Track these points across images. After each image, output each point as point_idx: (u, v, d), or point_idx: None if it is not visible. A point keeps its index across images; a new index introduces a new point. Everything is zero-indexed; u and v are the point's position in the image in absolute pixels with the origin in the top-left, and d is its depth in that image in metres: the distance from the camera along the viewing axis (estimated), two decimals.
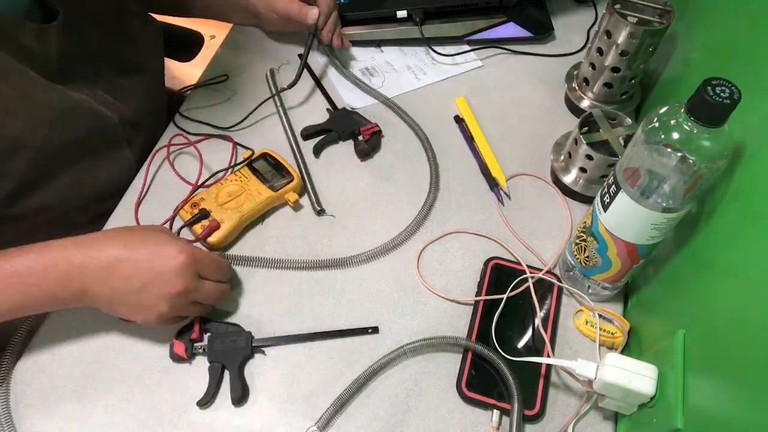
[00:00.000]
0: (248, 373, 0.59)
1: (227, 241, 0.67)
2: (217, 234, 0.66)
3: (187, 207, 0.67)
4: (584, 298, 0.63)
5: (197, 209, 0.67)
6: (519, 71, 0.86)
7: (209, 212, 0.67)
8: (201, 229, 0.66)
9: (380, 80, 0.84)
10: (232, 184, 0.70)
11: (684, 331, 0.49)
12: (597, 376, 0.52)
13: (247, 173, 0.71)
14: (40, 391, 0.58)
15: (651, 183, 0.48)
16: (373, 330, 0.62)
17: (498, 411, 0.57)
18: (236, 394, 0.57)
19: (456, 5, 0.85)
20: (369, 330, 0.62)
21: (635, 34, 0.68)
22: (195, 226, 0.66)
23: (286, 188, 0.70)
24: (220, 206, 0.67)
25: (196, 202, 0.68)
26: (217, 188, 0.69)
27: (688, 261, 0.54)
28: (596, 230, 0.56)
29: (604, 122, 0.69)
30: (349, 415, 0.58)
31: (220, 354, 0.59)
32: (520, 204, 0.72)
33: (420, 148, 0.77)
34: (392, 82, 0.84)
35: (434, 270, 0.67)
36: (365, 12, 0.86)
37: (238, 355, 0.59)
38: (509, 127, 0.79)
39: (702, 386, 0.45)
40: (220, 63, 0.86)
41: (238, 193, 0.69)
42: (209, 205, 0.67)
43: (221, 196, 0.68)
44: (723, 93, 0.41)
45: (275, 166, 0.71)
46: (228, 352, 0.59)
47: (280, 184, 0.70)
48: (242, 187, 0.69)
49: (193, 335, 0.59)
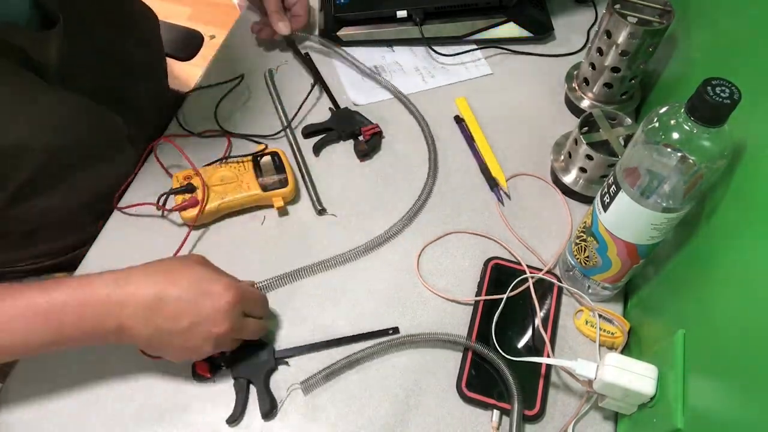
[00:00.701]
0: (274, 386, 0.59)
1: (201, 221, 0.68)
2: (191, 210, 0.67)
3: (180, 176, 0.69)
4: (584, 298, 0.63)
5: (187, 181, 0.68)
6: (519, 71, 0.86)
7: (195, 188, 0.68)
8: (181, 201, 0.67)
9: (387, 78, 0.84)
10: (228, 171, 0.70)
11: (684, 331, 0.49)
12: (597, 376, 0.52)
13: (248, 165, 0.71)
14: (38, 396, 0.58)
15: (651, 183, 0.48)
16: (394, 330, 0.62)
17: (498, 411, 0.57)
18: (265, 408, 0.57)
19: (456, 5, 0.85)
20: (390, 331, 0.62)
21: (635, 34, 0.68)
22: (178, 196, 0.68)
23: (276, 192, 0.69)
24: (208, 186, 0.68)
25: (189, 175, 0.69)
26: (214, 169, 0.70)
27: (688, 261, 0.54)
28: (596, 230, 0.56)
29: (604, 122, 0.69)
30: (349, 414, 0.58)
31: (243, 369, 0.58)
32: (520, 204, 0.72)
33: (419, 148, 0.77)
34: (398, 83, 0.83)
35: (434, 270, 0.67)
36: (365, 12, 0.86)
37: (262, 368, 0.59)
38: (509, 127, 0.79)
39: (702, 386, 0.45)
40: (220, 63, 0.86)
41: (230, 180, 0.69)
42: (199, 182, 0.68)
43: (214, 177, 0.69)
44: (723, 93, 0.41)
45: (278, 167, 0.71)
46: (252, 366, 0.59)
47: (273, 186, 0.70)
48: (236, 176, 0.70)
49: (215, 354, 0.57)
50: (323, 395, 0.59)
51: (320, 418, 0.57)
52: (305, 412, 0.58)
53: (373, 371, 0.60)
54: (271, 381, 0.59)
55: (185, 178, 0.69)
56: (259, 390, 0.58)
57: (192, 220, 0.67)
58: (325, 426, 0.57)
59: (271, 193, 0.69)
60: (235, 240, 0.69)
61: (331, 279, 0.66)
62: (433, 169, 0.74)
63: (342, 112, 0.79)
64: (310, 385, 0.58)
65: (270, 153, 0.73)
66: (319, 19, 0.90)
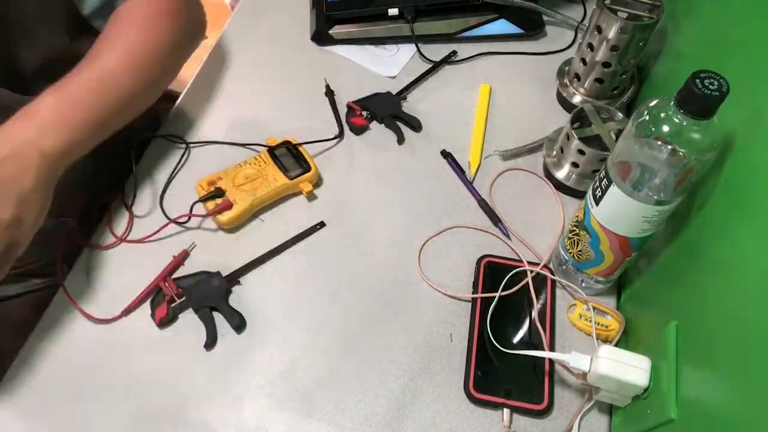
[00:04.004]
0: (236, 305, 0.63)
1: (237, 221, 0.69)
2: (227, 214, 0.67)
3: (204, 183, 0.69)
4: (578, 292, 0.64)
5: (213, 187, 0.69)
6: (510, 67, 0.86)
7: (224, 191, 0.68)
8: (214, 206, 0.67)
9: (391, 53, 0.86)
10: (250, 168, 0.71)
11: (676, 323, 0.50)
12: (591, 369, 0.52)
13: (267, 159, 0.72)
14: (34, 392, 0.58)
15: (642, 176, 0.49)
16: (321, 225, 0.69)
17: (508, 409, 0.57)
18: (235, 323, 0.61)
19: (447, 2, 0.85)
20: (317, 227, 0.69)
21: (626, 29, 0.68)
22: (208, 203, 0.68)
23: (302, 178, 0.71)
24: (235, 187, 0.69)
25: (213, 181, 0.69)
26: (236, 170, 0.71)
27: (679, 253, 0.54)
28: (588, 224, 0.57)
29: (596, 117, 0.70)
30: (345, 411, 0.58)
31: (201, 300, 0.62)
32: (512, 199, 0.73)
33: (420, 143, 0.78)
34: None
35: (433, 265, 0.67)
36: (356, 10, 0.86)
37: (218, 292, 0.63)
38: (501, 122, 0.80)
39: (695, 377, 0.45)
40: (212, 63, 0.86)
41: (254, 177, 0.70)
42: (225, 185, 0.69)
43: (238, 177, 0.70)
44: (711, 85, 0.42)
45: (295, 155, 0.73)
46: (208, 295, 0.63)
47: (297, 173, 0.71)
48: (259, 172, 0.71)
49: (167, 296, 0.62)
50: (319, 392, 0.59)
51: (316, 415, 0.58)
52: (301, 409, 0.58)
53: (372, 369, 0.60)
54: (231, 301, 0.64)
55: (209, 183, 0.69)
56: (224, 311, 0.62)
57: (227, 223, 0.68)
58: (323, 423, 0.57)
59: (297, 180, 0.71)
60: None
61: (333, 270, 0.67)
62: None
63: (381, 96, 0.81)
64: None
65: (282, 143, 0.74)
66: (310, 17, 0.90)
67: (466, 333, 0.62)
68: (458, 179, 0.74)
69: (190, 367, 0.60)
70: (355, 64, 0.86)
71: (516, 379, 0.59)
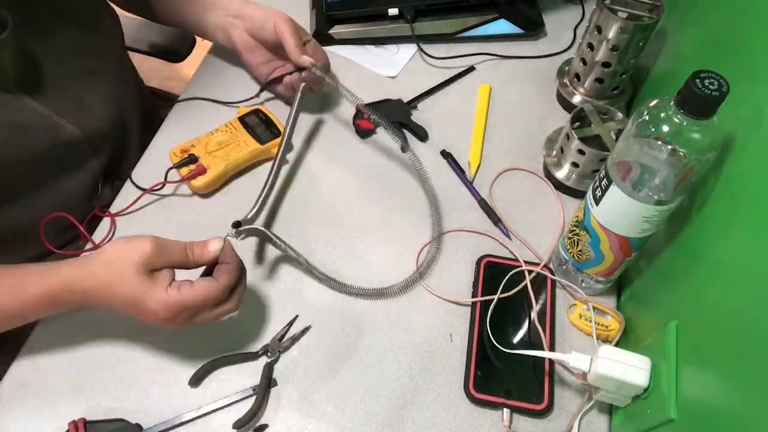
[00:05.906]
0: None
1: (212, 186, 0.71)
2: (202, 178, 0.69)
3: (177, 151, 0.71)
4: (578, 292, 0.64)
5: (186, 154, 0.70)
6: (510, 67, 0.86)
7: (197, 158, 0.70)
8: (188, 172, 0.69)
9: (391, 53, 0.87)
10: (221, 135, 0.73)
11: (676, 323, 0.50)
12: (591, 369, 0.52)
13: (238, 126, 0.74)
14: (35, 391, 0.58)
15: (642, 176, 0.48)
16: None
17: (508, 409, 0.57)
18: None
19: (447, 2, 0.85)
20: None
21: (625, 29, 0.68)
22: (182, 169, 0.70)
23: (273, 142, 0.73)
24: (208, 153, 0.71)
25: (186, 148, 0.71)
26: (208, 137, 0.73)
27: (679, 253, 0.54)
28: (588, 224, 0.57)
29: (596, 117, 0.70)
30: (346, 410, 0.58)
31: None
32: (512, 199, 0.73)
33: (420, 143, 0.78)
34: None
35: (433, 265, 0.67)
36: (356, 10, 0.86)
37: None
38: (501, 122, 0.80)
39: (695, 377, 0.45)
40: (212, 63, 0.86)
41: (227, 143, 0.72)
42: (198, 151, 0.71)
43: (210, 144, 0.72)
44: (711, 85, 0.42)
45: (266, 122, 0.75)
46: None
47: (267, 138, 0.73)
48: (231, 138, 0.73)
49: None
50: (320, 392, 0.59)
51: (316, 414, 0.57)
52: (301, 409, 0.58)
53: (372, 369, 0.60)
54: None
55: (182, 151, 0.71)
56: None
57: (203, 188, 0.69)
58: (322, 423, 0.57)
59: (269, 145, 0.73)
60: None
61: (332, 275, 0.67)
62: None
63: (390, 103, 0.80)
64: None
65: (252, 111, 0.76)
66: (310, 17, 0.90)
67: (466, 333, 0.62)
68: (458, 179, 0.74)
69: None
70: (355, 63, 0.86)
71: (516, 379, 0.59)
